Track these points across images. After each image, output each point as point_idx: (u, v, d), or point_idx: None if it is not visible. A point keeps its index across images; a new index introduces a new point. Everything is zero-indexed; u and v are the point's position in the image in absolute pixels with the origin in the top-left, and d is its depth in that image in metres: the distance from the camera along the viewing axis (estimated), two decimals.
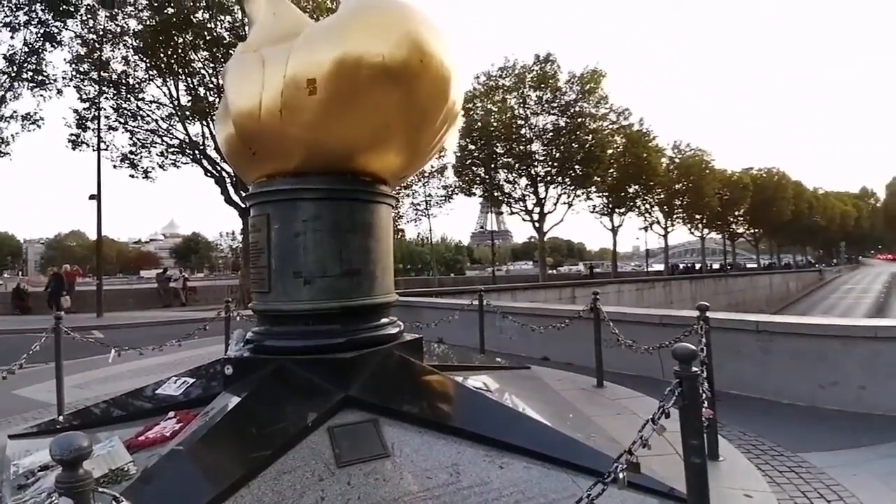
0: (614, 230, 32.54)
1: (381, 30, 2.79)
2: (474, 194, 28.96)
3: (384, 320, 3.34)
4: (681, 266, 46.68)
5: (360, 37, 2.77)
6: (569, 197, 27.50)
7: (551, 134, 25.96)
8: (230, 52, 13.38)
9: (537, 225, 27.43)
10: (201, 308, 18.04)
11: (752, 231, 52.28)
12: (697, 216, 39.93)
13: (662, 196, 35.55)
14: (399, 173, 3.68)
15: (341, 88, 2.78)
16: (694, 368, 1.63)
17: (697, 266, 48.26)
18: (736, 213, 44.89)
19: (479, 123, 26.43)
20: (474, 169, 27.84)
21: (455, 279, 36.65)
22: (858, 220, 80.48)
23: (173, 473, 2.19)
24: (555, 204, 27.16)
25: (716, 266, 55.02)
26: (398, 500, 2.10)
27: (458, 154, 27.96)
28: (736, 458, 2.85)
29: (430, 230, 30.76)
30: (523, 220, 28.03)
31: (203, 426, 2.51)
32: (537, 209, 27.15)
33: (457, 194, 29.01)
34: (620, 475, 1.48)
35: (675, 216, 38.23)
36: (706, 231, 44.66)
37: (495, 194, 28.24)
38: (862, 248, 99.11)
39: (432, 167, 28.15)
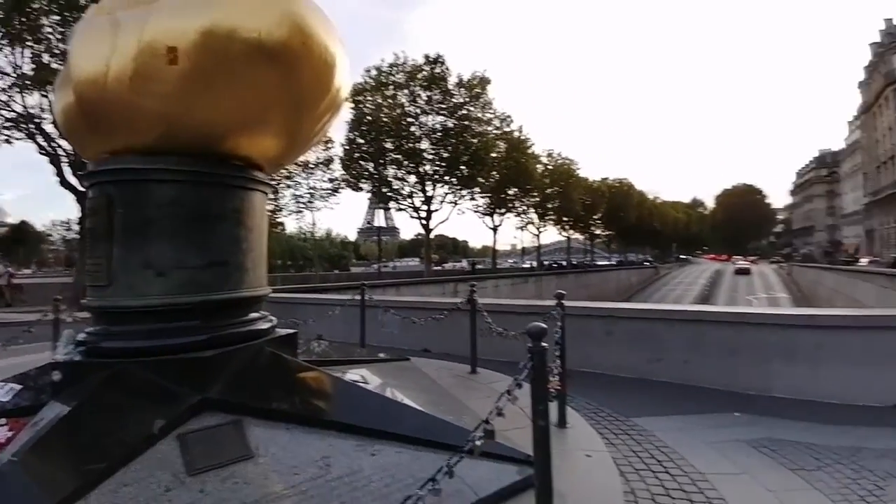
0: (495, 229, 34.74)
1: (259, 4, 2.63)
2: (362, 189, 28.43)
3: (254, 315, 3.15)
4: (545, 263, 51.59)
5: (235, 9, 2.58)
6: (455, 196, 28.59)
7: (440, 134, 26.70)
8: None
9: (424, 222, 28.03)
10: (29, 309, 15.00)
11: (606, 233, 59.85)
12: (565, 218, 44.46)
13: (537, 199, 38.87)
14: (276, 159, 3.49)
15: (208, 62, 2.55)
16: (543, 344, 1.85)
17: (563, 263, 53.75)
18: (595, 217, 50.95)
19: (369, 117, 26.11)
20: (362, 163, 27.38)
21: (339, 275, 35.63)
22: (688, 225, 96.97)
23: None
24: (441, 202, 28.06)
25: (580, 262, 61.73)
26: (258, 502, 2.02)
27: (346, 147, 27.28)
28: (581, 424, 3.28)
29: (314, 224, 29.39)
30: (411, 217, 28.42)
31: (31, 438, 2.14)
32: (425, 207, 27.73)
33: (343, 188, 28.22)
34: (477, 442, 1.62)
35: (547, 218, 42.09)
36: (572, 232, 49.98)
37: (383, 190, 28.12)
38: (691, 249, 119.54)
39: (318, 158, 27.01)
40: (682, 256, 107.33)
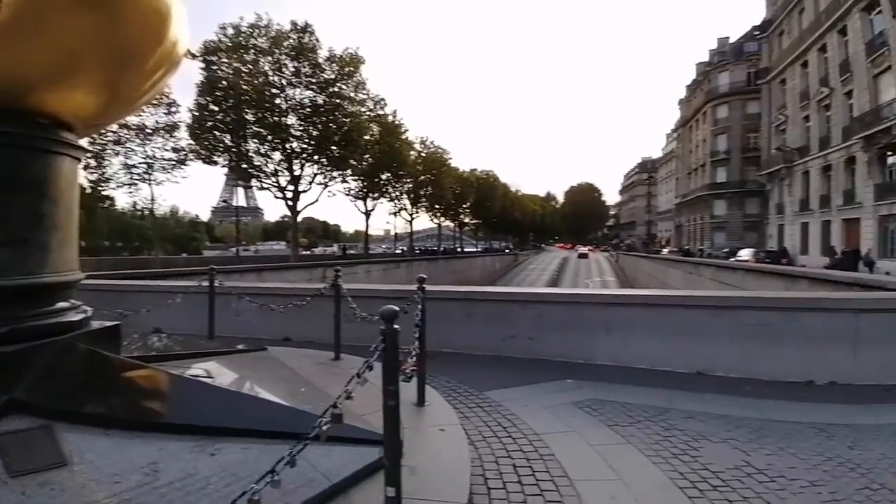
0: (367, 213, 34.27)
1: None
2: (216, 163, 25.36)
3: (63, 304, 2.64)
4: (416, 249, 53.04)
5: None
6: (325, 177, 27.33)
7: (309, 110, 25.08)
8: None
9: (290, 203, 26.29)
10: None
11: (474, 221, 63.45)
12: (437, 206, 45.85)
13: (410, 185, 39.32)
14: (92, 119, 2.94)
15: (12, 3, 2.04)
16: (396, 326, 1.89)
17: (433, 249, 55.64)
18: (464, 206, 53.56)
19: (224, 82, 23.30)
20: (217, 133, 24.38)
21: (189, 259, 31.62)
22: (543, 216, 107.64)
23: None
24: (310, 183, 26.57)
25: (447, 249, 64.48)
26: None
27: (196, 113, 23.96)
28: (438, 401, 3.46)
29: (153, 199, 24.96)
30: (275, 197, 26.40)
31: None
32: (291, 187, 25.96)
33: (193, 160, 24.86)
34: (324, 428, 1.60)
35: (419, 204, 42.90)
36: (443, 219, 51.82)
37: (243, 166, 25.53)
38: (545, 238, 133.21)
39: (157, 123, 23.37)
40: (539, 245, 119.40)
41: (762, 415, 3.76)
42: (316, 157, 26.00)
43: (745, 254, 30.63)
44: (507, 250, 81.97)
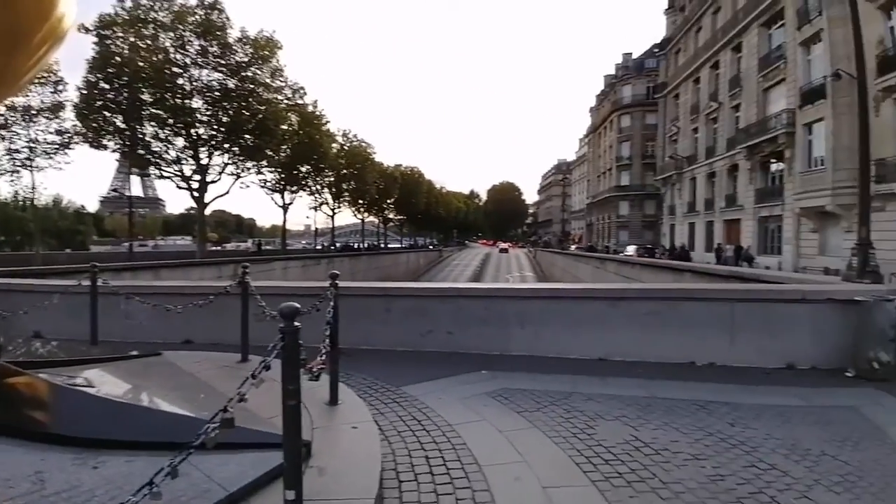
0: (285, 207, 32.63)
1: None
2: (105, 147, 22.53)
3: None
4: (337, 245, 51.69)
5: None
6: (237, 168, 25.51)
7: (218, 94, 23.18)
8: None
9: (196, 194, 24.19)
10: None
11: (399, 217, 63.16)
12: (360, 201, 44.92)
13: (332, 179, 38.09)
14: None
15: None
16: (296, 324, 1.83)
17: (356, 245, 54.55)
18: (388, 201, 53.07)
19: (119, 58, 20.80)
20: (107, 114, 21.69)
21: (72, 255, 27.98)
22: (467, 213, 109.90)
23: None
24: (220, 173, 24.63)
25: (371, 245, 63.56)
26: None
27: (85, 91, 21.20)
28: (352, 399, 3.41)
29: (34, 188, 21.70)
30: (178, 187, 24.08)
31: None
32: (197, 177, 23.88)
33: (79, 143, 21.96)
34: (212, 434, 1.51)
35: (342, 199, 41.73)
36: (367, 215, 50.92)
37: (139, 151, 22.99)
38: (469, 235, 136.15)
39: (42, 102, 20.45)
40: (463, 242, 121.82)
41: (650, 393, 4.17)
42: (227, 146, 24.16)
43: (631, 249, 34.89)
44: (431, 247, 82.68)
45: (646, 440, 3.22)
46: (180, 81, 22.30)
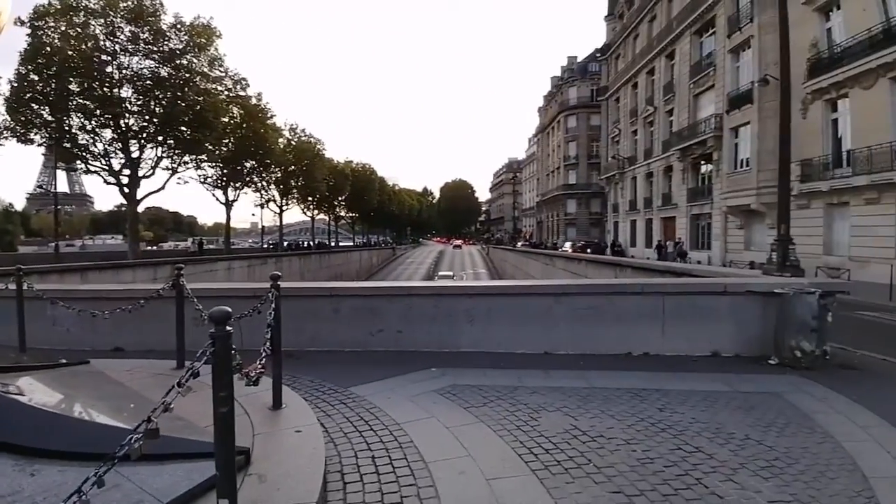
0: (228, 204, 31.11)
1: None
2: (32, 141, 20.67)
3: None
4: (286, 244, 50.08)
5: None
6: (173, 162, 23.99)
7: (150, 82, 21.71)
8: None
9: (127, 190, 22.56)
10: None
11: (351, 215, 62.02)
12: (310, 198, 43.66)
13: (279, 175, 36.75)
14: None
15: None
16: (228, 328, 1.78)
17: (304, 244, 53.03)
18: (340, 199, 51.96)
19: (49, 49, 19.22)
20: (35, 107, 19.93)
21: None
22: (420, 211, 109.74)
23: None
24: (153, 167, 23.06)
25: (320, 243, 62.04)
26: None
27: (16, 84, 19.49)
28: (296, 402, 3.34)
29: None
30: (106, 182, 22.37)
31: None
32: (127, 171, 22.27)
33: (7, 138, 20.06)
34: (136, 445, 1.46)
35: (290, 196, 40.37)
36: (316, 212, 49.59)
37: (66, 145, 21.19)
38: (423, 232, 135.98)
39: None
40: (417, 239, 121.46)
41: (589, 384, 4.38)
42: (160, 138, 22.66)
43: (567, 245, 37.02)
44: (384, 244, 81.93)
45: (584, 428, 3.39)
46: (109, 70, 20.72)
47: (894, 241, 14.94)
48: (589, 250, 34.48)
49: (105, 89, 20.70)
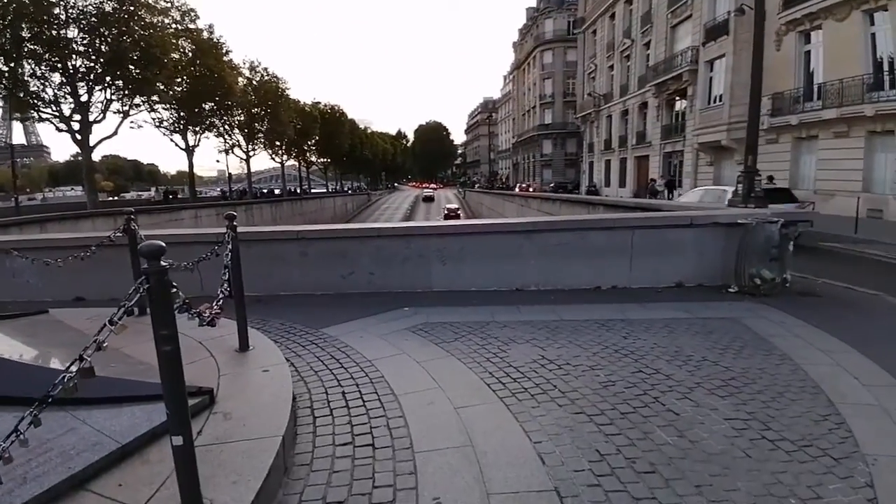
0: (189, 150, 29.49)
1: None
2: None
3: None
4: (256, 191, 48.46)
5: None
6: (124, 105, 22.30)
7: (95, 19, 19.68)
8: None
9: (79, 137, 21.05)
10: None
11: (322, 160, 59.98)
12: (278, 143, 41.77)
13: (242, 118, 34.79)
14: None
15: None
16: (163, 263, 1.67)
17: (277, 191, 51.43)
18: (309, 143, 49.93)
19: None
20: None
21: None
22: (395, 155, 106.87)
23: None
24: (103, 111, 21.42)
25: (289, 190, 60.29)
26: None
27: None
28: (264, 344, 3.30)
29: None
30: (58, 129, 20.83)
31: None
32: (78, 116, 20.67)
33: None
34: (70, 385, 1.40)
35: (257, 140, 38.48)
36: (286, 158, 47.69)
37: (17, 93, 19.43)
38: (398, 177, 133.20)
39: None
40: (392, 185, 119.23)
41: (558, 317, 4.48)
42: (108, 79, 20.89)
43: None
44: (359, 190, 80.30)
45: (551, 357, 3.48)
46: (57, 11, 18.75)
47: (861, 175, 15.40)
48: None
49: (53, 31, 18.83)
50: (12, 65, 18.77)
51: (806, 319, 4.27)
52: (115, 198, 56.69)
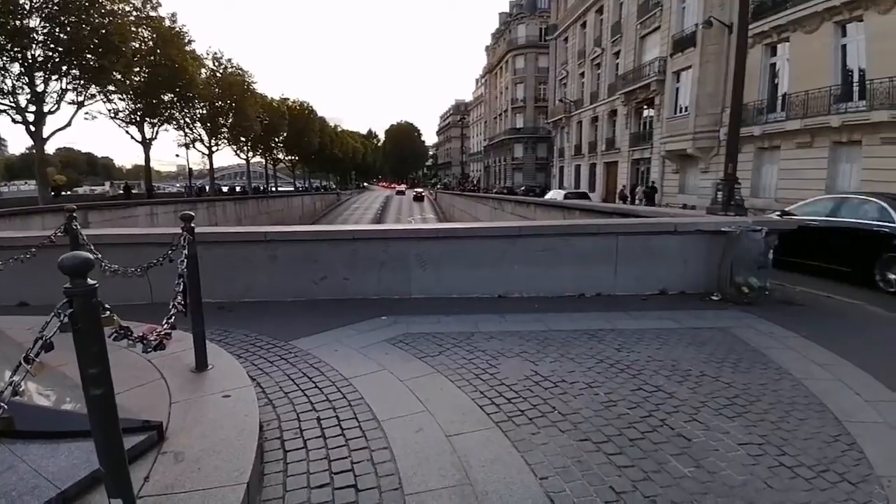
0: (146, 142, 27.89)
1: None
2: None
3: None
4: (219, 188, 46.57)
5: None
6: (79, 95, 20.84)
7: (56, 8, 18.39)
8: None
9: (33, 129, 19.56)
10: None
11: (290, 158, 58.33)
12: (242, 138, 40.22)
13: (205, 112, 33.26)
14: None
15: None
16: (91, 282, 1.30)
17: (238, 188, 49.59)
18: (276, 140, 48.40)
19: None
20: None
21: None
22: (365, 155, 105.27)
23: None
24: (58, 102, 19.96)
25: (254, 188, 58.40)
26: None
27: None
28: (225, 362, 2.90)
29: None
30: (14, 121, 19.35)
31: None
32: (33, 107, 19.22)
33: None
34: None
35: (220, 135, 36.89)
36: (251, 154, 46.05)
37: None
38: (368, 177, 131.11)
39: None
40: (361, 184, 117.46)
41: (546, 326, 4.25)
42: (64, 68, 19.50)
43: (559, 194, 37.80)
44: (328, 189, 78.61)
45: (545, 374, 3.24)
46: (22, 1, 17.36)
47: (824, 184, 15.96)
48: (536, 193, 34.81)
49: (15, 21, 17.41)
50: None
51: (795, 330, 4.21)
52: (69, 192, 53.34)
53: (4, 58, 18.20)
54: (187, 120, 31.86)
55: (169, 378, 2.66)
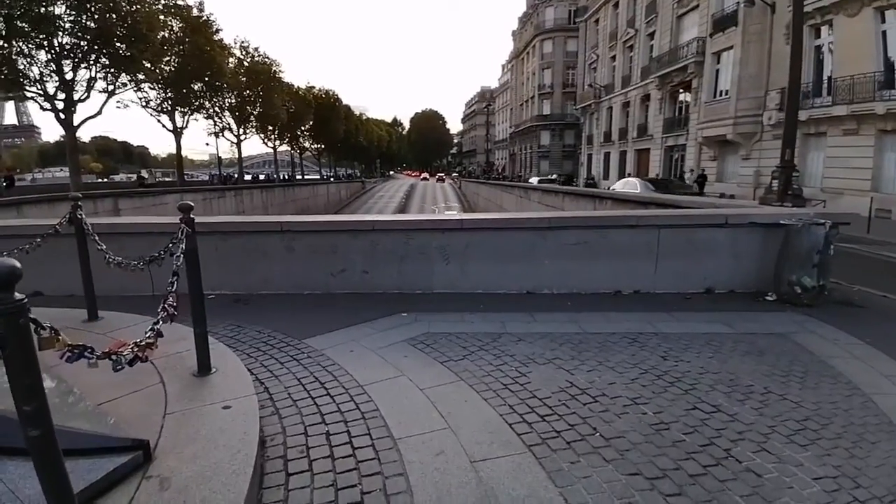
0: (177, 131, 28.36)
1: None
2: None
3: None
4: (246, 176, 47.15)
5: None
6: (109, 83, 21.22)
7: None
8: None
9: (63, 116, 20.05)
10: None
11: (315, 146, 58.67)
12: (270, 127, 40.55)
13: (233, 101, 33.58)
14: None
15: None
16: (18, 296, 1.02)
17: (262, 177, 50.17)
18: (302, 128, 48.65)
19: None
20: None
21: None
22: (390, 143, 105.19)
23: None
24: (87, 89, 20.37)
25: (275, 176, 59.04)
26: None
27: None
28: (230, 366, 2.65)
29: None
30: (42, 108, 19.88)
31: None
32: (62, 95, 19.67)
33: None
34: None
35: (248, 124, 37.27)
36: (278, 143, 46.45)
37: (5, 72, 18.44)
38: (393, 165, 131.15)
39: None
40: (386, 173, 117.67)
41: (580, 328, 3.87)
42: (93, 57, 19.85)
43: (534, 180, 36.84)
44: (353, 178, 78.96)
45: (582, 385, 2.88)
46: None
47: (871, 174, 14.91)
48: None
49: (42, 8, 17.76)
50: (2, 43, 17.83)
51: (859, 336, 3.73)
52: (104, 179, 55.25)
53: (30, 45, 18.60)
54: (216, 109, 32.24)
55: (168, 383, 2.43)
